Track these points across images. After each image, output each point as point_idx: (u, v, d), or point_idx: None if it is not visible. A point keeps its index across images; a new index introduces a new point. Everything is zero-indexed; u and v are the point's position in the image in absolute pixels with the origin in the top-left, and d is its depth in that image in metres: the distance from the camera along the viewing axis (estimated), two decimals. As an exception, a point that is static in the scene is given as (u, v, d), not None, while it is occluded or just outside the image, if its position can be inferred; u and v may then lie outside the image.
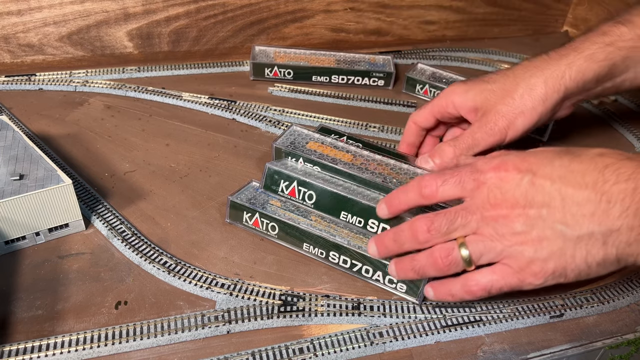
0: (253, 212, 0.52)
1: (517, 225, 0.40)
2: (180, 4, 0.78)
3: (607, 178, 0.38)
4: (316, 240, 0.50)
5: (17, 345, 0.42)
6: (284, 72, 0.77)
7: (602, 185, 0.38)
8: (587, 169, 0.39)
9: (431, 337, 0.45)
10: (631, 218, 0.37)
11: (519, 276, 0.41)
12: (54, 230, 0.51)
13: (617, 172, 0.38)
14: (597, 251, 0.39)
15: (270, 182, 0.53)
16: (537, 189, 0.40)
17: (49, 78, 0.74)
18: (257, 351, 0.43)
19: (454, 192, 0.43)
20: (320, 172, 0.54)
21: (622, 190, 0.37)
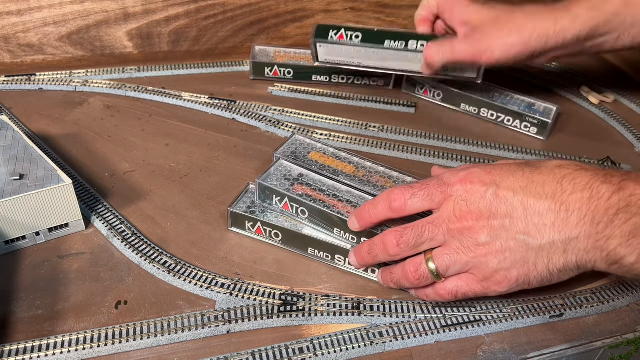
0: (255, 220, 0.52)
1: (481, 236, 0.42)
2: (180, 4, 0.78)
3: (565, 188, 0.40)
4: (321, 245, 0.50)
5: (17, 345, 0.42)
6: (284, 71, 0.77)
7: (561, 196, 0.40)
8: (547, 179, 0.41)
9: (431, 336, 0.45)
10: (588, 226, 0.39)
11: (484, 284, 0.43)
12: (54, 230, 0.51)
13: (573, 182, 0.40)
14: (558, 259, 0.41)
15: (263, 196, 0.53)
16: (501, 201, 0.41)
17: (49, 78, 0.74)
18: (257, 351, 0.43)
19: (422, 205, 0.44)
20: (321, 172, 0.54)
21: (578, 199, 0.39)
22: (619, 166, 0.66)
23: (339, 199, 0.51)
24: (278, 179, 0.53)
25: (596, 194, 0.39)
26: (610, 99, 0.79)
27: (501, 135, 0.71)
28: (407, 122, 0.72)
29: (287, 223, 0.52)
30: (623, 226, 0.37)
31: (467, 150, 0.68)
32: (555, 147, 0.69)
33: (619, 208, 0.37)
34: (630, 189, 0.38)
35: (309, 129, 0.69)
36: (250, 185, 0.55)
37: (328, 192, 0.52)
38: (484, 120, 0.73)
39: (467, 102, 0.74)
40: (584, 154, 0.68)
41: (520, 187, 0.41)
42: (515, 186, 0.41)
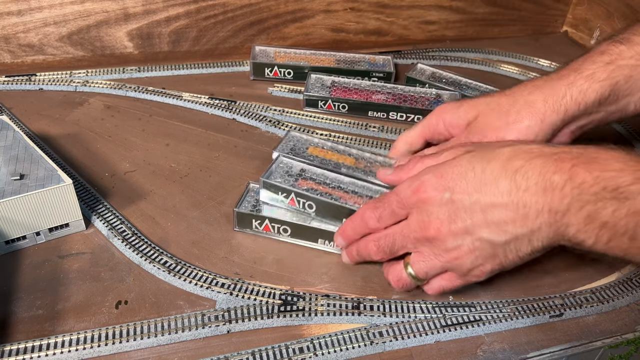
0: (262, 218, 0.52)
1: (448, 243, 0.43)
2: (180, 4, 0.78)
3: (518, 184, 0.40)
4: (331, 235, 0.51)
5: (18, 344, 0.42)
6: (284, 72, 0.77)
7: (516, 192, 0.40)
8: (499, 176, 0.41)
9: (431, 336, 0.46)
10: (547, 216, 0.39)
11: (464, 279, 0.45)
12: (55, 230, 0.51)
13: (525, 176, 0.40)
14: (526, 247, 0.42)
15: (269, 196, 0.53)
16: (458, 206, 0.42)
17: (49, 78, 0.75)
18: (257, 351, 0.44)
19: (392, 221, 0.46)
20: (322, 166, 0.54)
21: (533, 193, 0.40)
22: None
23: (345, 190, 0.52)
24: (282, 176, 0.53)
25: (550, 186, 0.39)
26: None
27: (501, 135, 0.71)
28: (407, 123, 0.72)
29: (294, 217, 0.52)
30: (578, 214, 0.38)
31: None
32: (555, 147, 0.69)
33: (573, 197, 0.38)
34: (580, 176, 0.38)
35: (309, 129, 0.69)
36: (251, 184, 0.55)
37: (333, 185, 0.53)
38: (484, 120, 0.73)
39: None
40: (584, 154, 0.68)
41: (474, 189, 0.42)
42: (468, 189, 0.42)
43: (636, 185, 0.37)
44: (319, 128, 0.69)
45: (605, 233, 0.38)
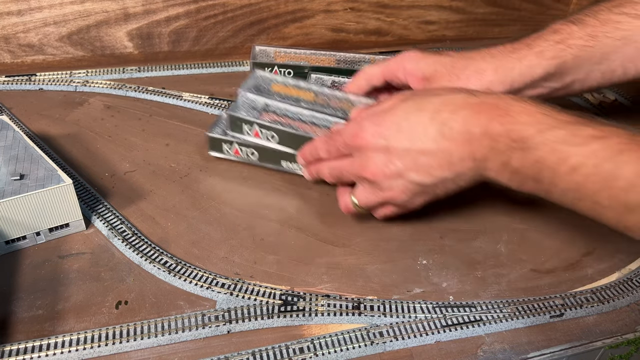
0: (231, 142, 0.59)
1: (383, 184, 0.49)
2: (180, 4, 0.78)
3: (444, 134, 0.46)
4: (293, 156, 0.58)
5: (18, 345, 0.42)
6: (284, 71, 0.77)
7: (442, 142, 0.46)
8: (428, 126, 0.47)
9: (431, 336, 0.46)
10: (469, 162, 0.46)
11: (404, 209, 0.52)
12: (55, 230, 0.51)
13: (450, 127, 0.46)
14: (452, 186, 0.48)
15: (234, 126, 0.58)
16: (392, 152, 0.47)
17: (49, 78, 0.74)
18: (257, 351, 0.44)
19: (338, 156, 0.52)
20: (284, 102, 0.59)
21: (457, 143, 0.45)
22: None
23: (304, 122, 0.58)
24: (246, 110, 0.58)
25: (470, 138, 0.45)
26: (610, 99, 0.79)
27: (501, 135, 0.71)
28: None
29: (262, 141, 0.58)
30: (494, 161, 0.45)
31: (467, 150, 0.68)
32: (555, 147, 0.69)
33: (490, 148, 0.44)
34: (495, 129, 0.44)
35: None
36: (223, 113, 0.60)
37: (293, 117, 0.58)
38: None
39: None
40: (584, 154, 0.68)
41: (406, 137, 0.47)
42: (401, 137, 0.47)
43: (538, 137, 0.42)
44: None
45: (516, 177, 0.44)
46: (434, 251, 0.53)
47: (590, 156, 0.40)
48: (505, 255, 0.53)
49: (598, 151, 0.40)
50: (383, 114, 0.49)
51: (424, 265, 0.52)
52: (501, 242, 0.55)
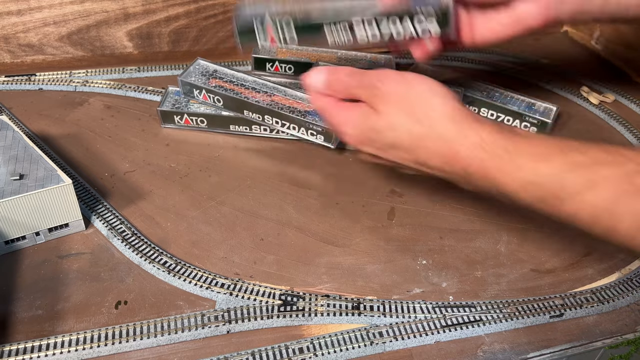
0: (181, 113, 0.65)
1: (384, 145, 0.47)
2: (180, 4, 0.78)
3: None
4: (239, 120, 0.64)
5: (17, 345, 0.42)
6: (285, 67, 0.77)
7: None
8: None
9: (431, 337, 0.45)
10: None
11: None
12: (54, 230, 0.51)
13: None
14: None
15: (186, 91, 0.65)
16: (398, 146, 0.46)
17: (49, 78, 0.74)
18: (257, 351, 0.43)
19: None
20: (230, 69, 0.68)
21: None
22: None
23: (246, 87, 0.64)
24: (196, 76, 0.66)
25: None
26: (610, 99, 0.79)
27: (501, 135, 0.71)
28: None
29: (208, 110, 0.65)
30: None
31: (467, 150, 0.67)
32: (555, 147, 0.69)
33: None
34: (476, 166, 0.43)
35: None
36: (170, 88, 0.68)
37: (237, 83, 0.65)
38: (484, 120, 0.73)
39: (467, 102, 0.74)
40: (584, 154, 0.68)
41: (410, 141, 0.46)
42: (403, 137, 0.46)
43: None
44: (319, 128, 0.69)
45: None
46: (434, 251, 0.53)
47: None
48: (505, 255, 0.53)
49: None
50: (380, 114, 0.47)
51: (424, 265, 0.52)
52: (501, 242, 0.55)
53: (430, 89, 0.46)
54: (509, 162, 0.42)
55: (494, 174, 0.42)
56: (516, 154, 0.42)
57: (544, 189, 0.41)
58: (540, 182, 0.41)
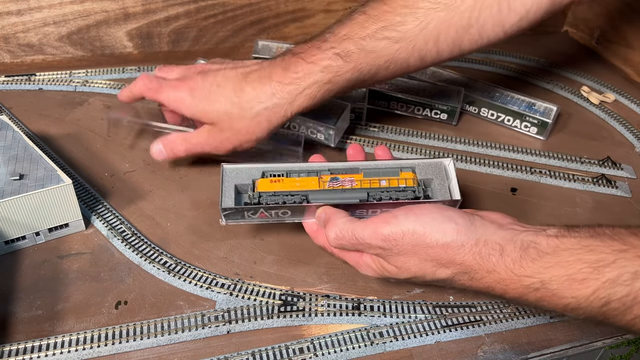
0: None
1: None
2: (180, 4, 0.78)
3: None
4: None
5: (17, 345, 0.42)
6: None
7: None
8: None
9: (431, 337, 0.45)
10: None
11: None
12: (54, 230, 0.51)
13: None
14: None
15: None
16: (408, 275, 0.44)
17: (48, 78, 0.74)
18: (257, 351, 0.43)
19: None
20: None
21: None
22: (619, 166, 0.66)
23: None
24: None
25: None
26: (610, 99, 0.79)
27: (501, 135, 0.71)
28: (407, 123, 0.71)
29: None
30: None
31: (467, 150, 0.68)
32: (555, 147, 0.69)
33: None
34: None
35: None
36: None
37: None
38: (484, 120, 0.73)
39: (467, 102, 0.74)
40: (584, 154, 0.68)
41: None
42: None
43: None
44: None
45: None
46: (434, 251, 0.53)
47: None
48: (506, 255, 0.53)
49: None
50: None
51: (424, 265, 0.52)
52: (501, 242, 0.55)
53: (442, 231, 0.41)
54: (548, 293, 0.39)
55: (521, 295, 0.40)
56: (550, 282, 0.39)
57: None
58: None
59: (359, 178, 0.48)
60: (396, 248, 0.42)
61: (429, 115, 0.72)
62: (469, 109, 0.74)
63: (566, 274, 0.38)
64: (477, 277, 0.41)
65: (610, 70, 0.88)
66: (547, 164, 0.66)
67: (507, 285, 0.40)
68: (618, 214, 0.60)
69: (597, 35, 0.93)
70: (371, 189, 0.48)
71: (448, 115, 0.71)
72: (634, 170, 0.66)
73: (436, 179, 0.49)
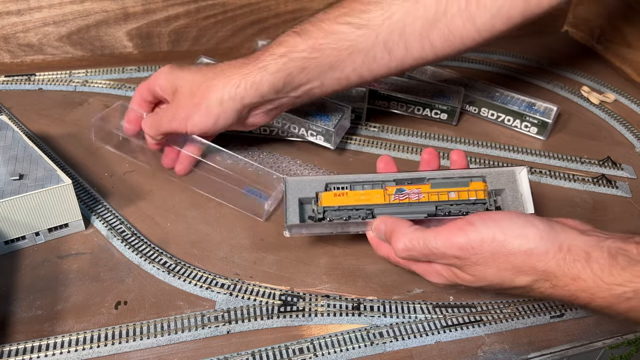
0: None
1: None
2: (180, 4, 0.78)
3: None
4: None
5: (17, 345, 0.42)
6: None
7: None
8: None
9: (431, 337, 0.45)
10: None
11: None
12: (54, 230, 0.51)
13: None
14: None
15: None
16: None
17: (48, 78, 0.74)
18: (257, 351, 0.43)
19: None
20: None
21: None
22: (619, 166, 0.66)
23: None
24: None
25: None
26: (610, 99, 0.79)
27: (501, 135, 0.71)
28: (407, 123, 0.72)
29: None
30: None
31: (467, 150, 0.68)
32: (555, 147, 0.69)
33: None
34: None
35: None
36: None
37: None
38: (484, 120, 0.73)
39: (467, 102, 0.74)
40: (584, 154, 0.68)
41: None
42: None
43: None
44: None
45: None
46: (434, 251, 0.53)
47: None
48: (506, 255, 0.53)
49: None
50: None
51: (424, 265, 0.52)
52: (501, 242, 0.55)
53: (523, 237, 0.39)
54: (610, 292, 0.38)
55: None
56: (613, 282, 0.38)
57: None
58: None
59: (426, 190, 0.47)
60: (474, 257, 0.40)
61: (429, 115, 0.72)
62: (469, 109, 0.74)
63: None
64: (560, 285, 0.39)
65: (610, 70, 0.88)
66: (547, 164, 0.66)
67: (594, 293, 0.38)
68: (618, 214, 0.60)
69: (597, 35, 0.93)
70: (439, 202, 0.46)
71: (448, 115, 0.71)
72: (634, 170, 0.66)
73: (508, 190, 0.47)
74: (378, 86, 0.72)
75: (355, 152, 0.66)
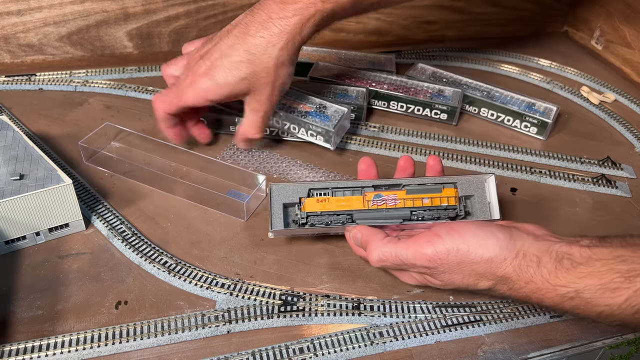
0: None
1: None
2: (180, 4, 0.78)
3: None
4: None
5: (17, 345, 0.42)
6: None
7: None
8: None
9: (431, 337, 0.45)
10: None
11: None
12: (54, 230, 0.51)
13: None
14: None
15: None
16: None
17: (49, 78, 0.74)
18: (257, 351, 0.43)
19: None
20: None
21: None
22: (619, 166, 0.66)
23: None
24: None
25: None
26: (610, 99, 0.79)
27: (501, 135, 0.71)
28: (407, 123, 0.72)
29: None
30: None
31: (467, 150, 0.68)
32: (555, 147, 0.69)
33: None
34: None
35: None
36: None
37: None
38: (484, 120, 0.73)
39: (467, 102, 0.74)
40: (584, 154, 0.68)
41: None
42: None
43: None
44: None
45: None
46: (434, 251, 0.53)
47: None
48: (506, 255, 0.53)
49: None
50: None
51: (424, 265, 0.52)
52: (501, 242, 0.55)
53: (484, 247, 0.43)
54: (584, 303, 0.40)
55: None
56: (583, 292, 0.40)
57: None
58: None
59: (402, 196, 0.49)
60: (441, 267, 0.44)
61: (429, 115, 0.72)
62: (469, 109, 0.74)
63: (599, 284, 0.39)
64: (516, 287, 0.42)
65: (610, 70, 0.88)
66: (547, 164, 0.66)
67: (543, 294, 0.41)
68: (618, 214, 0.60)
69: (597, 35, 0.93)
70: (414, 208, 0.49)
71: (448, 115, 0.71)
72: (634, 170, 0.66)
73: (476, 196, 0.50)
74: (377, 86, 0.72)
75: (355, 152, 0.66)
